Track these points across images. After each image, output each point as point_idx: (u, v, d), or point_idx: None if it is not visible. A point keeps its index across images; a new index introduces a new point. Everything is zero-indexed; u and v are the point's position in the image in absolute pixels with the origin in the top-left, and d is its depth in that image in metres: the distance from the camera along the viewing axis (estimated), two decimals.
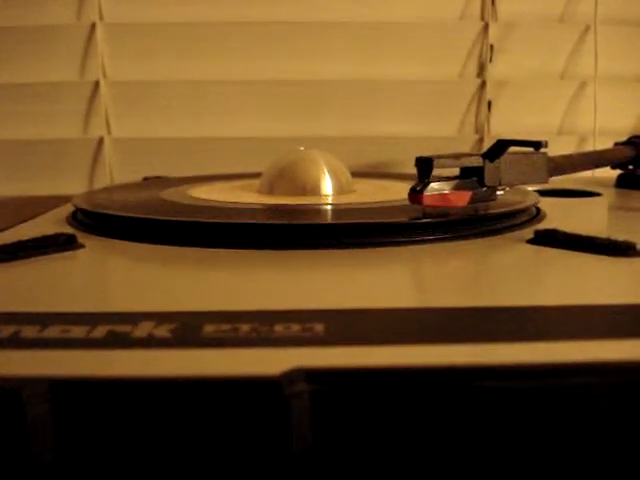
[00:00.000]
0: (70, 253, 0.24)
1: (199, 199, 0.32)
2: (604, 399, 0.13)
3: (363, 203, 0.30)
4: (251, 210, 0.29)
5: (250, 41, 0.50)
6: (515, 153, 0.28)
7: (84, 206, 0.29)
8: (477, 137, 0.52)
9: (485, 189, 0.27)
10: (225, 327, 0.15)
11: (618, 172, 0.41)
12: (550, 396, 0.13)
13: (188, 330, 0.15)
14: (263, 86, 0.50)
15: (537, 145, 0.27)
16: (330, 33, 0.50)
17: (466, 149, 0.52)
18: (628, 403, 0.13)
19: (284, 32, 0.50)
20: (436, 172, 0.26)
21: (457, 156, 0.27)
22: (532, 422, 0.13)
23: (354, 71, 0.51)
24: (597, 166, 0.38)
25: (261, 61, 0.50)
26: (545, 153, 0.29)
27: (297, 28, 0.50)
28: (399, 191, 0.32)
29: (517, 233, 0.26)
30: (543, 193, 0.34)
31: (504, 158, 0.28)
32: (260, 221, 0.26)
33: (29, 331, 0.15)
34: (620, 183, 0.41)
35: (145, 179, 0.45)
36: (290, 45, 0.50)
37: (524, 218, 0.29)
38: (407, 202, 0.26)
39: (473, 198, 0.27)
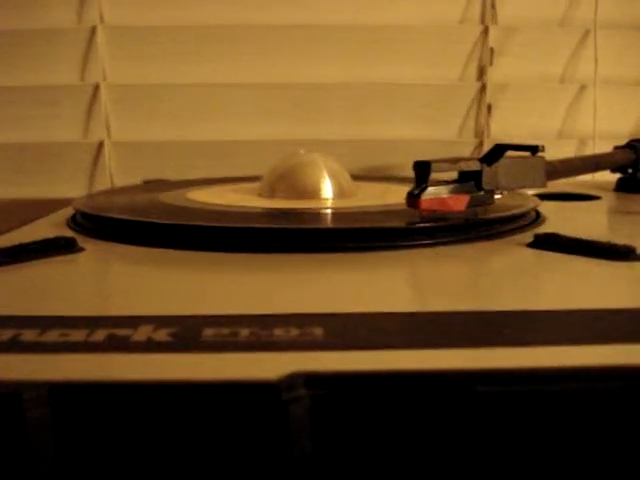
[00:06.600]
0: (70, 256, 0.24)
1: (199, 202, 0.32)
2: (604, 404, 0.13)
3: (362, 207, 0.30)
4: (251, 214, 0.29)
5: (251, 44, 0.50)
6: (513, 157, 0.28)
7: (84, 209, 0.29)
8: (477, 140, 0.52)
9: (483, 193, 0.27)
10: (224, 331, 0.15)
11: (618, 176, 0.41)
12: (549, 401, 0.13)
13: (187, 334, 0.15)
14: (264, 89, 0.50)
15: (534, 149, 0.27)
16: (331, 36, 0.50)
17: (466, 152, 0.52)
18: (628, 408, 0.13)
19: (285, 35, 0.50)
20: (434, 176, 0.26)
21: (455, 160, 0.27)
22: (531, 427, 0.13)
23: (355, 74, 0.51)
24: (596, 170, 0.39)
25: (262, 64, 0.51)
26: (543, 157, 0.29)
27: (297, 31, 0.50)
28: (399, 194, 0.32)
29: (517, 237, 0.26)
30: (543, 197, 0.34)
31: (502, 162, 0.28)
32: (260, 225, 0.26)
33: (29, 335, 0.15)
34: (620, 187, 0.41)
35: (145, 182, 0.45)
36: (291, 48, 0.50)
37: (524, 222, 0.29)
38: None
39: (471, 202, 0.27)
